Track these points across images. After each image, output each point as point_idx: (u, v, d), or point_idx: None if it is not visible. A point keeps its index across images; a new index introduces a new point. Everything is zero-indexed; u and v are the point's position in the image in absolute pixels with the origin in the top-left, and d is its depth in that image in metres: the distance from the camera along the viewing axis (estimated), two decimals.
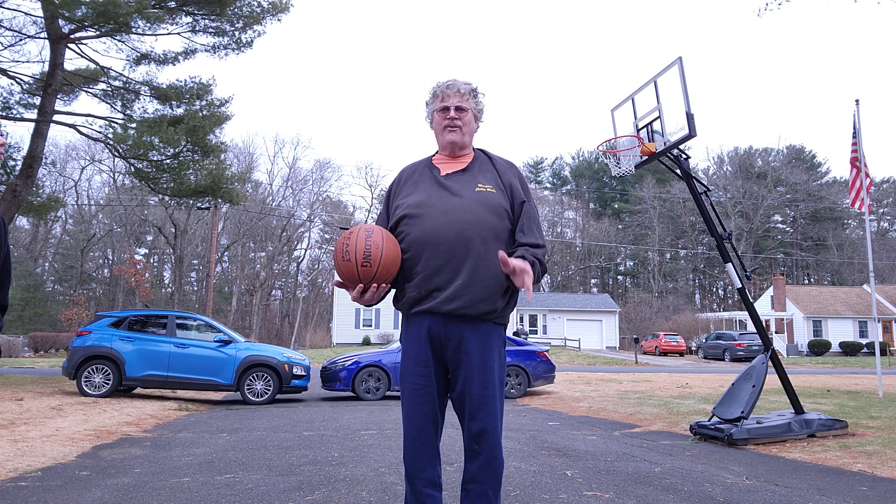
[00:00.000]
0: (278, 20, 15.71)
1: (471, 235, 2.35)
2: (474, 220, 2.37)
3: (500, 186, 2.50)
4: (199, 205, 23.01)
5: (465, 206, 2.39)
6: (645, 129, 7.16)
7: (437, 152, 2.65)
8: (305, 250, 66.42)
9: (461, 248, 2.34)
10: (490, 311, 2.39)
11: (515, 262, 2.27)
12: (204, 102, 15.96)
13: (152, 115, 15.74)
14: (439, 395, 2.43)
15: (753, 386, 6.54)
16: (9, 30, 14.58)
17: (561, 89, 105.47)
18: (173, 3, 14.61)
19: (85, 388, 10.37)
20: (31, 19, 14.53)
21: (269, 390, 10.84)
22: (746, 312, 11.78)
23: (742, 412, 6.39)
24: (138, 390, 11.47)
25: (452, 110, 2.52)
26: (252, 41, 15.87)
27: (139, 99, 15.87)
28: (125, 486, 4.37)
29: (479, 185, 2.47)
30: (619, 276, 76.34)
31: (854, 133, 10.81)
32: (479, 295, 2.35)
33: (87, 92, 16.15)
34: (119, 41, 15.30)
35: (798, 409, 6.95)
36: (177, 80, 15.84)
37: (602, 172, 74.23)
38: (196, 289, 60.62)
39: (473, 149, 2.65)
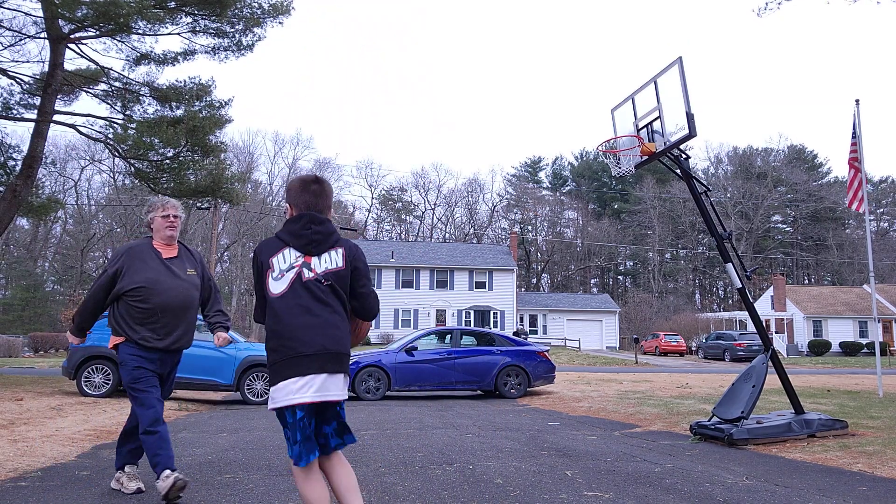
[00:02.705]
0: (279, 23, 15.63)
1: (188, 305, 4.07)
2: (190, 296, 4.08)
3: (196, 269, 4.21)
4: (199, 205, 22.99)
5: (185, 286, 4.05)
6: (645, 129, 7.16)
7: (152, 238, 4.15)
8: None
9: (183, 312, 4.04)
10: (189, 345, 4.19)
11: (224, 339, 4.29)
12: (204, 103, 15.91)
13: (152, 116, 15.70)
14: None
15: (753, 386, 6.54)
16: (9, 30, 14.55)
17: (561, 89, 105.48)
18: (173, 3, 14.58)
19: (85, 388, 10.36)
20: (31, 19, 14.51)
21: (269, 390, 10.83)
22: (746, 312, 11.81)
23: (742, 412, 6.39)
24: None
25: (171, 217, 4.13)
26: (253, 45, 15.80)
27: (139, 100, 15.84)
28: None
29: (189, 270, 4.14)
30: (619, 276, 76.35)
31: (854, 133, 10.80)
32: (189, 339, 4.17)
33: (87, 92, 16.11)
34: (119, 41, 15.26)
35: (798, 409, 6.95)
36: (176, 81, 15.80)
37: (602, 172, 74.23)
38: None
39: (178, 241, 4.25)
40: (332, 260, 2.63)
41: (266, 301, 2.62)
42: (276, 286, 2.59)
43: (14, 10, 14.26)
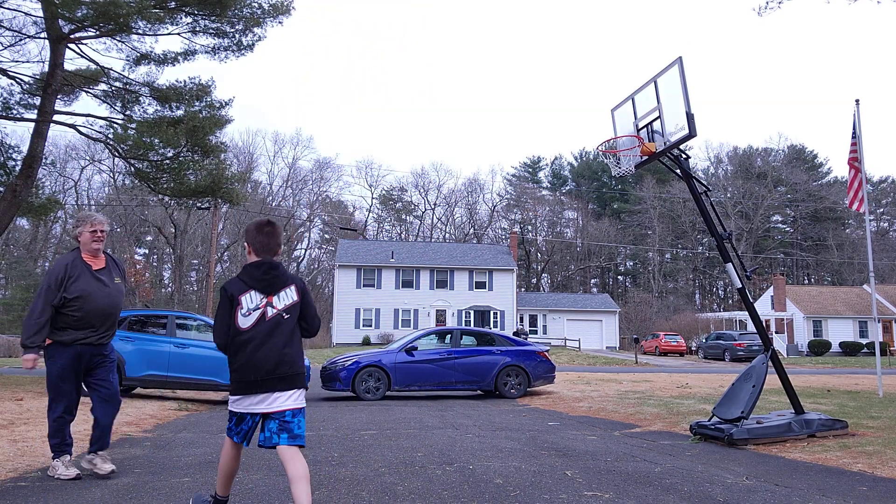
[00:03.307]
0: (279, 23, 15.60)
1: (115, 310, 4.69)
2: (117, 302, 4.70)
3: (122, 278, 4.83)
4: (199, 205, 22.97)
5: (113, 293, 4.65)
6: (645, 129, 7.16)
7: (80, 251, 4.64)
8: (305, 250, 66.47)
9: (110, 316, 4.65)
10: (112, 337, 4.80)
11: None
12: (203, 104, 15.90)
13: (152, 116, 15.69)
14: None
15: (753, 386, 6.54)
16: (9, 30, 14.54)
17: (561, 89, 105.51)
18: (173, 3, 14.57)
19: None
20: (31, 19, 14.49)
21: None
22: (746, 312, 11.82)
23: (742, 412, 6.40)
24: (138, 390, 11.46)
25: (99, 232, 4.62)
26: (253, 44, 15.77)
27: (139, 100, 15.83)
28: (125, 486, 4.37)
29: (116, 279, 4.72)
30: (619, 276, 76.34)
31: (854, 133, 10.81)
32: (114, 333, 4.77)
33: (87, 92, 16.10)
34: (119, 41, 15.24)
35: (798, 409, 6.96)
36: (176, 81, 15.77)
37: (602, 172, 74.21)
38: (196, 289, 60.60)
39: (104, 252, 4.78)
40: (289, 296, 3.34)
41: (231, 329, 3.25)
42: (244, 321, 3.23)
43: (14, 10, 14.25)
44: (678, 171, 7.03)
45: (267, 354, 3.21)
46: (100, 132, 16.05)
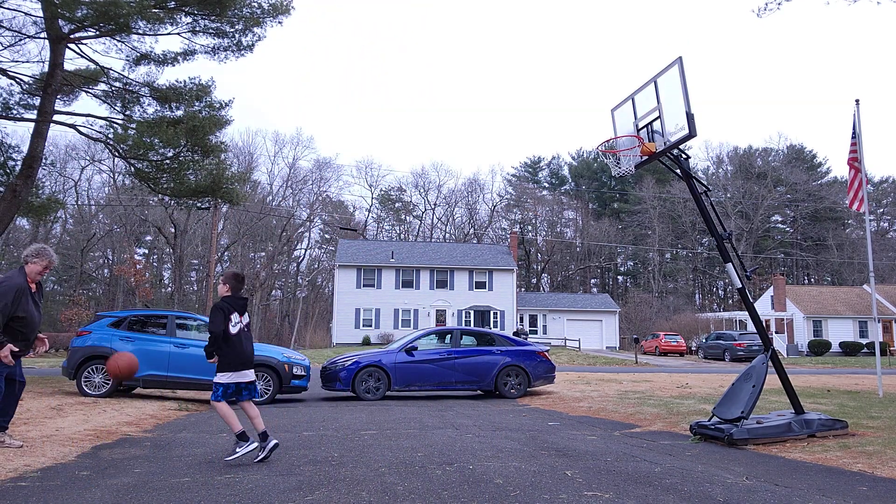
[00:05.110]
0: (279, 23, 15.59)
1: (39, 325, 5.69)
2: (40, 321, 5.68)
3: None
4: (199, 205, 22.97)
5: (40, 314, 5.65)
6: (645, 128, 7.16)
7: (26, 274, 5.53)
8: (305, 250, 66.45)
9: (37, 331, 5.67)
10: None
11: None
12: (203, 104, 15.90)
13: (152, 116, 15.69)
14: None
15: (753, 386, 6.54)
16: (9, 30, 14.55)
17: (561, 89, 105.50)
18: (173, 3, 14.57)
19: (85, 388, 10.35)
20: (31, 19, 14.50)
21: (269, 390, 10.82)
22: (746, 312, 11.82)
23: (742, 412, 6.40)
24: (138, 390, 11.46)
25: (50, 269, 5.71)
26: (253, 45, 15.78)
27: (139, 100, 15.83)
28: (125, 486, 4.37)
29: (41, 300, 5.72)
30: (619, 276, 76.31)
31: (854, 133, 10.81)
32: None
33: (87, 92, 16.11)
34: (119, 41, 15.24)
35: (798, 409, 6.96)
36: (176, 81, 15.77)
37: (602, 172, 74.16)
38: (196, 289, 60.58)
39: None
40: (248, 316, 5.68)
41: (226, 334, 5.38)
42: (233, 329, 5.45)
43: (14, 10, 14.25)
44: (678, 171, 7.03)
45: (245, 349, 5.52)
46: (100, 132, 16.05)
